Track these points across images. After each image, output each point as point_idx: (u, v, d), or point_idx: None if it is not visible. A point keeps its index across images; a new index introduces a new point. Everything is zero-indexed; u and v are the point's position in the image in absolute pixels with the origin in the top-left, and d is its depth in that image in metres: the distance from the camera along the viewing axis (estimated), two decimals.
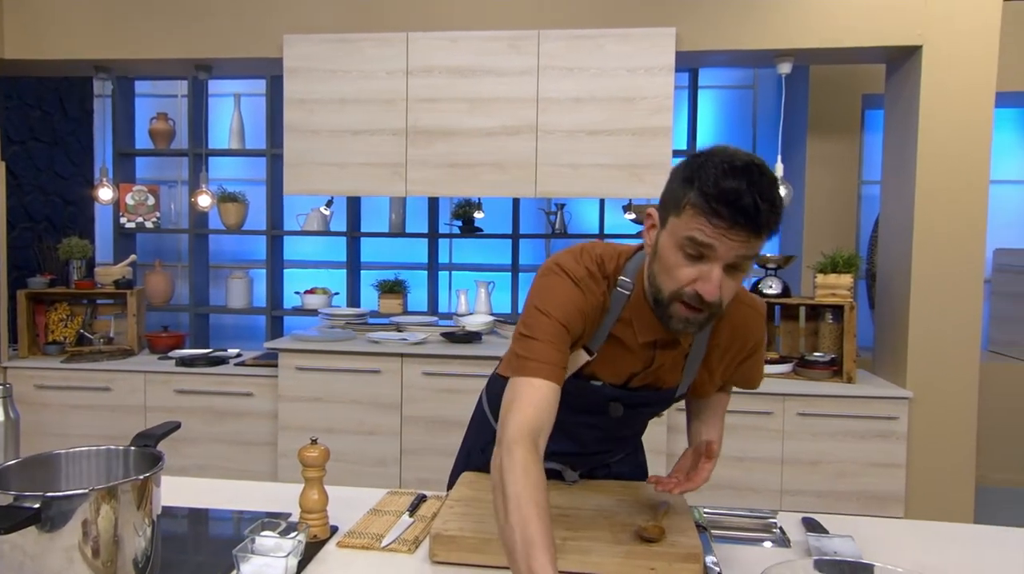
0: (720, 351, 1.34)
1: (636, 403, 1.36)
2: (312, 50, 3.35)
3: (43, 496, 0.96)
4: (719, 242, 1.08)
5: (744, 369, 1.41)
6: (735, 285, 1.14)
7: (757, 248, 1.11)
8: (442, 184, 3.34)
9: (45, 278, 3.71)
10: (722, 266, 1.10)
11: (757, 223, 1.06)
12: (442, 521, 1.30)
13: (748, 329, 1.34)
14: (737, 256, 1.09)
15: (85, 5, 3.51)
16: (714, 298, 1.11)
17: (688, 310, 1.14)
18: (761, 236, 1.09)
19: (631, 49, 3.20)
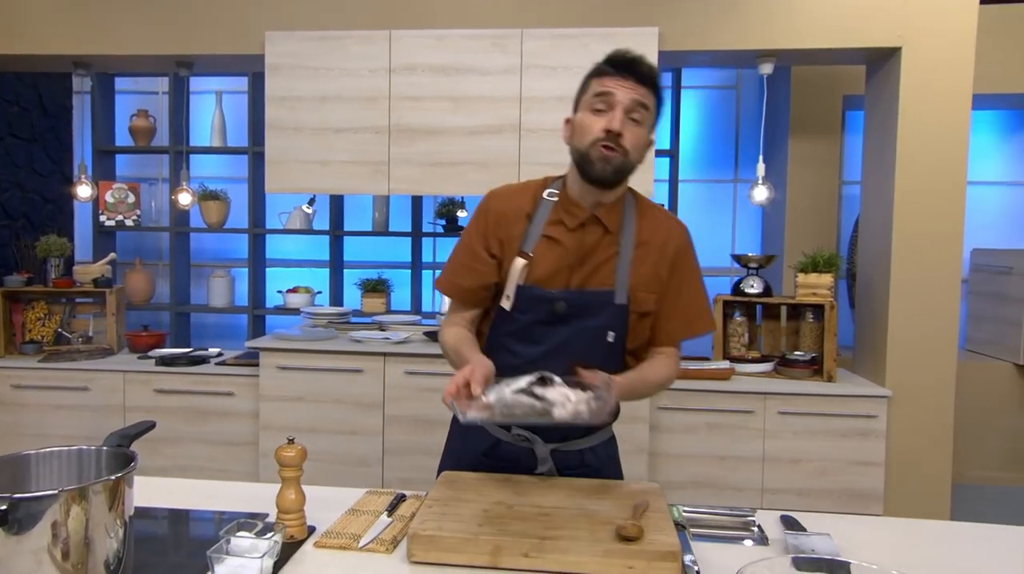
0: (644, 250, 1.50)
1: (579, 303, 1.46)
2: (294, 47, 3.33)
3: (10, 498, 0.94)
4: (615, 88, 1.41)
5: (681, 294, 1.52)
6: (636, 135, 1.42)
7: (648, 100, 1.42)
8: (425, 183, 3.33)
9: (22, 276, 3.66)
10: (622, 110, 1.40)
11: (639, 70, 1.42)
12: (420, 521, 1.29)
13: (668, 229, 1.53)
14: (632, 101, 1.41)
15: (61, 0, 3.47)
16: (618, 126, 1.39)
17: (604, 150, 1.41)
18: (646, 86, 1.42)
19: (614, 48, 3.20)
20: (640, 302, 1.48)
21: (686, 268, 1.53)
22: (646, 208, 1.56)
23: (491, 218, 1.52)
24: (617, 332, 1.49)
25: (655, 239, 1.50)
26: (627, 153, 1.42)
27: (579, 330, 1.46)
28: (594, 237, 1.48)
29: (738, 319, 3.44)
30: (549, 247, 1.47)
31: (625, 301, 1.47)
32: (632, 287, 1.47)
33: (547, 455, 1.53)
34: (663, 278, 1.50)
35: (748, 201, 3.39)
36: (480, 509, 1.35)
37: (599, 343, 1.48)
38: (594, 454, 1.60)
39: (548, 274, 1.47)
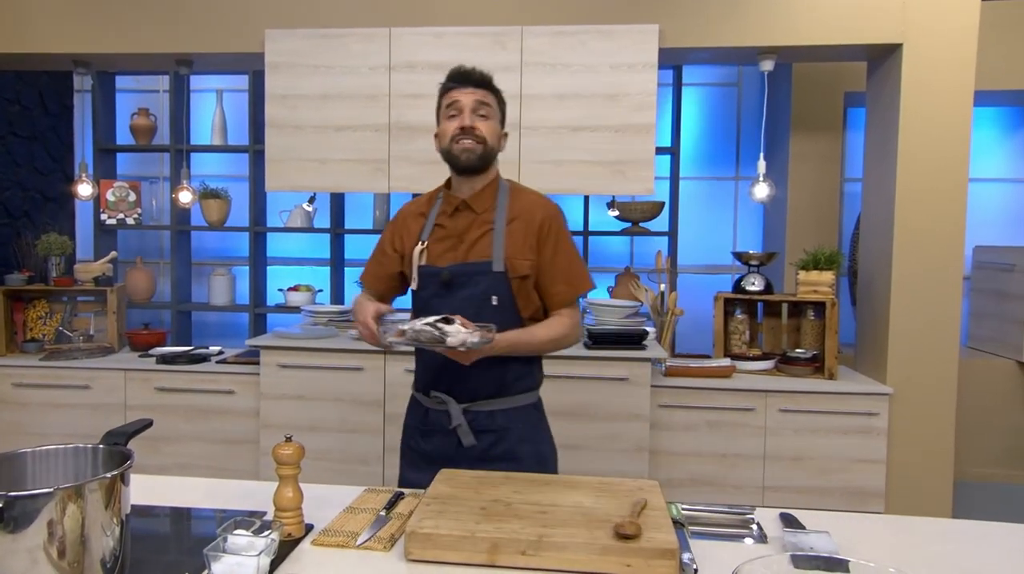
0: (515, 224, 1.76)
1: (462, 273, 1.75)
2: (294, 45, 3.33)
3: (5, 496, 0.94)
4: (458, 96, 1.75)
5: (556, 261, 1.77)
6: (488, 127, 1.76)
7: (488, 99, 1.77)
8: (425, 180, 3.32)
9: (23, 275, 3.66)
10: (469, 110, 1.74)
11: (475, 78, 1.76)
12: (418, 519, 1.29)
13: (534, 205, 1.80)
14: (475, 102, 1.74)
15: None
16: (468, 122, 1.73)
17: (462, 143, 1.73)
18: (481, 87, 1.76)
19: (614, 46, 3.20)
20: (516, 268, 1.74)
21: (557, 238, 1.78)
22: (518, 192, 1.84)
23: (397, 222, 1.91)
24: (500, 296, 1.73)
25: (524, 215, 1.77)
26: (484, 141, 1.74)
27: (466, 297, 1.74)
28: (468, 219, 1.78)
29: (739, 317, 3.43)
30: (438, 233, 1.80)
31: (503, 268, 1.73)
32: (507, 256, 1.74)
33: (459, 413, 1.76)
34: (534, 247, 1.76)
35: (749, 198, 3.39)
36: (478, 506, 1.35)
37: (486, 307, 1.72)
38: (506, 417, 1.79)
39: (438, 253, 1.79)
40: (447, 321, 1.54)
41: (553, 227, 1.79)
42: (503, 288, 1.74)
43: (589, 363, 3.13)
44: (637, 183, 3.21)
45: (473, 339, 1.53)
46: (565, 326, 1.80)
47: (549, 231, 1.78)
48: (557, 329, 1.79)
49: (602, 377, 3.12)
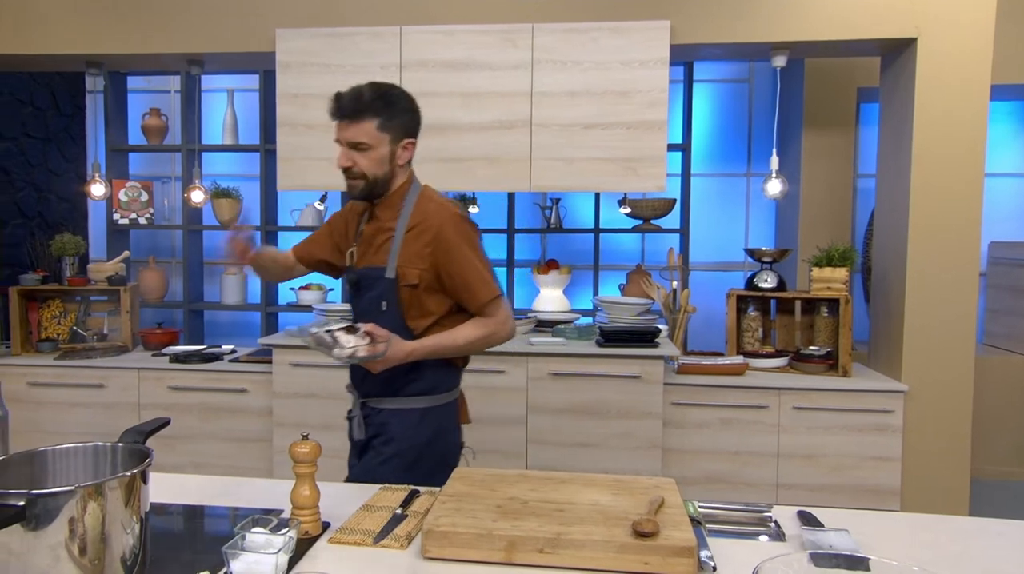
0: (412, 233, 1.78)
1: (362, 277, 1.83)
2: (305, 44, 3.33)
3: (28, 494, 0.95)
4: (337, 132, 1.77)
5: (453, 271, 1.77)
6: (367, 160, 1.75)
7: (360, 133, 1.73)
8: (435, 179, 3.27)
9: (38, 275, 3.69)
10: (345, 146, 1.76)
11: (343, 110, 1.73)
12: (434, 517, 1.28)
13: (428, 214, 1.79)
14: (348, 137, 1.74)
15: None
16: (341, 163, 1.76)
17: (347, 179, 1.79)
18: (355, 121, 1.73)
19: (625, 42, 3.19)
20: (405, 275, 1.77)
21: (451, 246, 1.78)
22: (424, 199, 1.84)
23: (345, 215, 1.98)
24: (390, 302, 1.78)
25: (423, 223, 1.79)
26: (365, 176, 1.77)
27: (366, 299, 1.81)
28: (373, 227, 1.84)
29: (752, 314, 3.41)
30: (362, 236, 1.88)
31: (394, 275, 1.77)
32: (400, 264, 1.77)
33: (357, 407, 1.88)
34: (428, 256, 1.77)
35: (761, 195, 3.37)
36: (494, 505, 1.34)
37: (376, 311, 1.79)
38: (393, 415, 1.84)
39: (357, 256, 1.87)
40: (352, 329, 1.60)
41: (447, 235, 1.77)
42: (392, 295, 1.78)
43: (601, 361, 3.12)
44: (649, 180, 3.20)
45: (360, 354, 1.60)
46: (486, 327, 1.82)
47: (441, 240, 1.77)
48: (475, 332, 1.82)
49: (615, 375, 3.11)
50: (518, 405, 3.18)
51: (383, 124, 1.75)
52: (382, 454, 1.84)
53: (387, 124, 1.76)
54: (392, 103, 1.77)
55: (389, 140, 1.77)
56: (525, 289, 4.22)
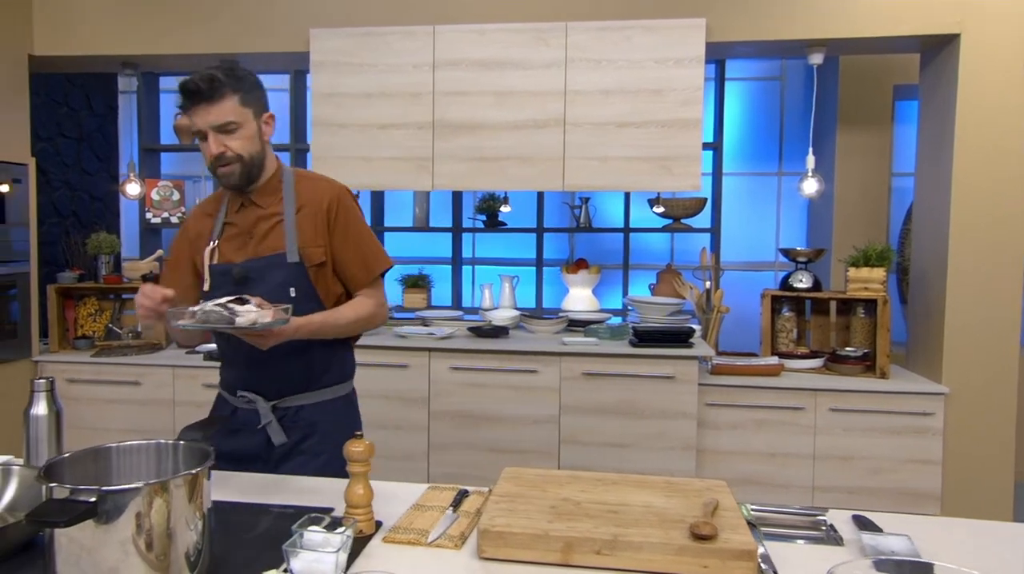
0: (304, 212, 1.72)
1: (256, 268, 1.70)
2: (338, 43, 3.34)
3: (99, 490, 0.96)
4: (195, 119, 1.62)
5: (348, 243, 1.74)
6: (239, 141, 1.64)
7: (224, 112, 1.61)
8: (469, 178, 3.33)
9: (74, 273, 3.73)
10: (212, 132, 1.61)
11: (200, 93, 1.59)
12: (489, 517, 1.28)
13: (320, 190, 1.75)
14: (213, 120, 1.60)
15: (112, 1, 3.52)
16: (214, 150, 1.62)
17: (220, 169, 1.65)
18: (218, 101, 1.60)
19: (660, 40, 3.16)
20: (310, 256, 1.71)
21: (347, 221, 1.75)
22: (303, 178, 1.79)
23: (184, 229, 1.84)
24: (298, 286, 1.70)
25: (311, 201, 1.73)
26: (241, 157, 1.66)
27: (264, 293, 1.63)
28: (253, 215, 1.73)
29: (786, 314, 3.38)
30: (229, 231, 1.75)
31: (297, 258, 1.70)
32: (301, 245, 1.70)
33: (268, 411, 1.72)
34: (324, 232, 1.72)
35: (792, 194, 3.33)
36: (548, 505, 1.34)
37: (284, 299, 1.66)
38: (315, 410, 1.77)
39: (230, 251, 1.74)
40: (241, 301, 1.48)
41: (341, 210, 1.75)
42: (301, 278, 1.71)
43: (634, 361, 3.11)
44: (684, 179, 3.18)
45: (265, 319, 1.46)
46: (370, 306, 1.78)
47: (337, 215, 1.74)
48: (362, 309, 1.76)
49: (648, 375, 3.09)
50: (551, 405, 3.17)
51: (244, 99, 1.64)
52: (318, 457, 1.74)
53: (247, 99, 1.65)
54: (242, 78, 1.66)
55: (252, 115, 1.67)
56: (553, 288, 4.21)
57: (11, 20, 3.43)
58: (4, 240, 3.31)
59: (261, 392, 1.74)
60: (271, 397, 1.74)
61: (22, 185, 3.41)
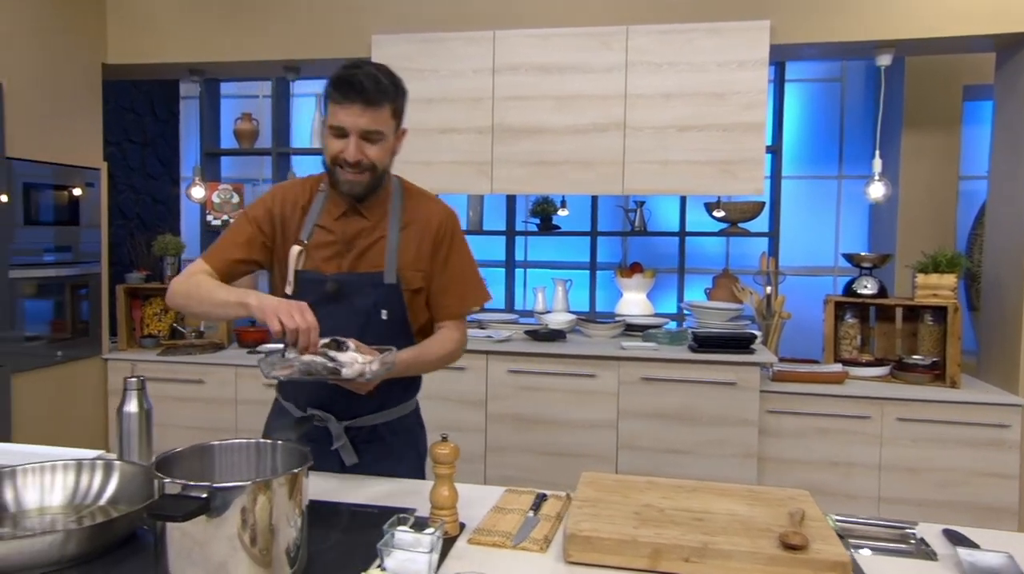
0: (409, 232, 1.62)
1: (350, 283, 1.59)
2: (400, 49, 3.39)
3: (209, 486, 0.99)
4: (344, 119, 1.48)
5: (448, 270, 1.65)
6: (379, 151, 1.53)
7: (379, 120, 1.49)
8: (527, 182, 3.33)
9: (141, 274, 3.84)
10: (357, 136, 1.49)
11: (363, 94, 1.46)
12: (575, 521, 1.28)
13: (431, 213, 1.65)
14: (364, 125, 1.48)
15: (181, 10, 3.63)
16: (353, 157, 1.49)
17: (348, 173, 1.52)
18: (375, 107, 1.48)
19: (723, 43, 3.13)
20: (409, 280, 1.61)
21: (451, 245, 1.66)
22: (412, 194, 1.68)
23: (275, 204, 1.65)
24: (391, 310, 1.60)
25: (418, 221, 1.64)
26: (374, 168, 1.55)
27: (353, 309, 1.58)
28: (356, 226, 1.61)
29: (849, 321, 3.30)
30: (322, 235, 1.62)
31: (395, 280, 1.60)
32: (400, 267, 1.60)
33: (341, 432, 1.63)
34: (427, 256, 1.63)
35: (853, 197, 3.26)
36: (632, 511, 1.33)
37: (374, 320, 1.59)
38: (386, 428, 1.68)
39: (322, 259, 1.61)
40: (337, 345, 1.39)
41: (448, 234, 1.65)
42: (395, 302, 1.60)
43: (694, 366, 3.07)
44: (746, 183, 3.14)
45: (373, 367, 1.37)
46: (455, 343, 1.68)
47: (443, 238, 1.65)
48: (448, 346, 1.67)
49: (709, 381, 3.06)
50: (609, 409, 3.16)
51: (395, 110, 1.55)
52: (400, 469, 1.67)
53: (397, 110, 1.56)
54: (400, 87, 1.55)
55: (395, 127, 1.58)
56: (606, 292, 4.20)
57: (88, 31, 3.55)
58: (77, 242, 3.43)
59: (333, 411, 1.63)
60: (344, 417, 1.64)
61: (94, 189, 3.53)
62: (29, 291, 3.16)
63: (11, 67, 3.08)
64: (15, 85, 3.09)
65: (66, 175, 3.36)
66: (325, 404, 1.63)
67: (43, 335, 3.27)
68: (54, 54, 3.33)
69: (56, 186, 3.30)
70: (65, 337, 3.39)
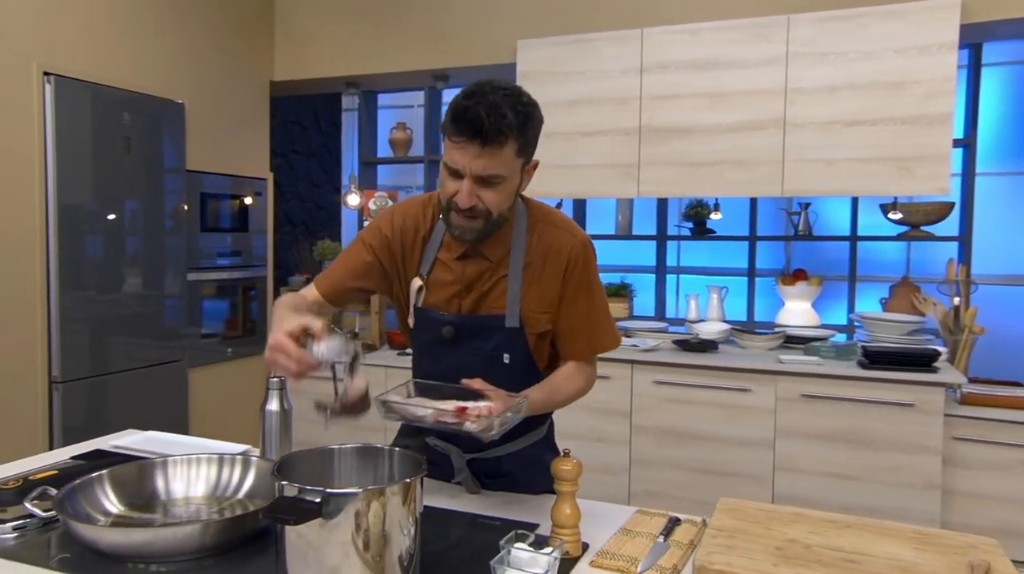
0: (533, 271, 1.45)
1: (469, 327, 1.46)
2: (545, 53, 3.37)
3: (323, 491, 0.99)
4: (459, 159, 1.30)
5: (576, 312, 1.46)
6: (497, 196, 1.34)
7: (497, 163, 1.30)
8: (677, 184, 3.19)
9: (303, 277, 4.10)
10: (472, 179, 1.31)
11: (480, 133, 1.25)
12: (707, 552, 1.16)
13: (559, 247, 1.45)
14: (479, 169, 1.29)
15: (338, 27, 3.84)
16: (465, 203, 1.32)
17: (460, 217, 1.35)
18: (492, 146, 1.27)
19: (902, 27, 2.82)
20: (534, 323, 1.46)
21: (580, 283, 1.47)
22: (540, 225, 1.47)
23: (394, 237, 1.50)
24: (514, 354, 1.46)
25: (545, 259, 1.46)
26: (489, 215, 1.36)
27: (473, 352, 1.46)
28: (477, 267, 1.46)
29: None
30: (442, 272, 1.48)
31: (518, 324, 1.45)
32: (524, 310, 1.45)
33: (463, 465, 1.53)
34: (555, 297, 1.46)
35: None
36: (773, 546, 1.19)
37: (496, 364, 1.45)
38: (513, 460, 1.55)
39: (441, 299, 1.48)
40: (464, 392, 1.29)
41: (578, 270, 1.46)
42: (518, 345, 1.46)
43: (865, 385, 2.78)
44: (929, 182, 2.81)
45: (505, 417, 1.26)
46: (585, 379, 1.53)
47: (572, 274, 1.46)
48: (579, 384, 1.52)
49: (881, 401, 2.75)
50: (764, 427, 2.93)
51: (521, 149, 1.33)
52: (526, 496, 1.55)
53: (524, 148, 1.34)
54: (529, 119, 1.33)
55: (520, 167, 1.37)
56: (767, 300, 3.92)
57: (257, 52, 3.87)
58: (247, 247, 3.73)
59: (456, 442, 1.52)
60: (468, 449, 1.52)
61: (262, 197, 3.82)
62: (206, 292, 3.47)
63: (192, 90, 3.41)
64: (195, 106, 3.41)
65: (238, 185, 3.67)
66: (446, 434, 1.51)
67: (217, 333, 3.58)
68: (228, 75, 3.65)
69: (229, 195, 3.61)
70: (236, 335, 3.69)
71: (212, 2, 3.57)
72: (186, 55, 3.40)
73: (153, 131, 3.22)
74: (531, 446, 1.59)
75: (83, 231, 2.95)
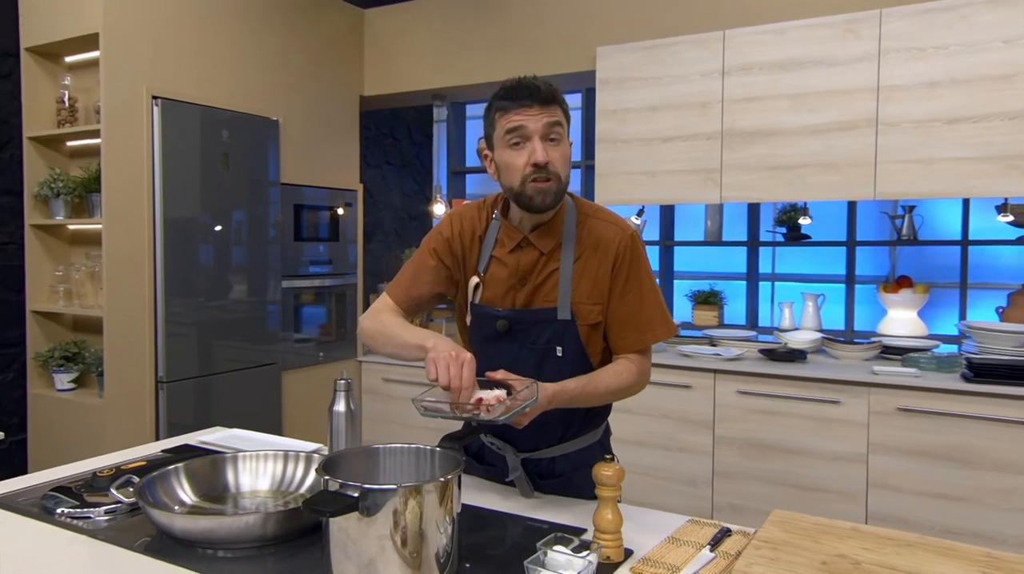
0: (584, 262, 1.50)
1: (522, 320, 1.50)
2: (625, 59, 3.35)
3: (361, 487, 1.04)
4: (523, 120, 1.39)
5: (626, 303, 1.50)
6: (561, 157, 1.43)
7: (557, 115, 1.41)
8: (761, 189, 3.09)
9: None
10: (539, 139, 1.39)
11: (539, 93, 1.39)
12: (746, 562, 1.14)
13: (608, 240, 1.50)
14: (544, 126, 1.40)
15: (423, 41, 3.98)
16: (542, 158, 1.39)
17: (537, 184, 1.40)
18: (550, 105, 1.40)
19: (1011, 15, 2.63)
20: (585, 315, 1.50)
21: (630, 275, 1.51)
22: (588, 218, 1.54)
23: (455, 238, 1.58)
24: (567, 346, 1.50)
25: (594, 248, 1.51)
26: (559, 177, 1.43)
27: (526, 346, 1.51)
28: (530, 258, 1.51)
29: None
30: (497, 268, 1.54)
31: (569, 316, 1.49)
32: (575, 302, 1.50)
33: (517, 464, 1.56)
34: (605, 288, 1.51)
35: None
36: (819, 560, 1.15)
37: (549, 358, 1.50)
38: (567, 461, 1.58)
39: (497, 294, 1.53)
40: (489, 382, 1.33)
41: (627, 261, 1.50)
42: (571, 337, 1.49)
43: (969, 399, 2.60)
44: None
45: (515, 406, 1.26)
46: (632, 375, 1.50)
47: (622, 265, 1.50)
48: (624, 378, 1.49)
49: (989, 417, 2.56)
50: (856, 441, 2.79)
51: (566, 114, 1.46)
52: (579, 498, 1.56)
53: (566, 115, 1.46)
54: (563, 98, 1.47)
55: (567, 133, 1.47)
56: (867, 308, 3.73)
57: (348, 69, 4.07)
58: (339, 255, 3.92)
59: (511, 441, 1.57)
60: (522, 448, 1.57)
61: (352, 208, 4.01)
62: (301, 299, 3.67)
63: (286, 107, 3.63)
64: (289, 122, 3.63)
65: (329, 197, 3.86)
66: (502, 433, 1.57)
67: (311, 338, 3.78)
68: (320, 92, 3.86)
69: (321, 207, 3.81)
70: (328, 340, 3.88)
71: (306, 23, 3.79)
72: (281, 75, 3.62)
73: (250, 147, 3.43)
74: (585, 449, 1.60)
75: (187, 242, 3.17)
